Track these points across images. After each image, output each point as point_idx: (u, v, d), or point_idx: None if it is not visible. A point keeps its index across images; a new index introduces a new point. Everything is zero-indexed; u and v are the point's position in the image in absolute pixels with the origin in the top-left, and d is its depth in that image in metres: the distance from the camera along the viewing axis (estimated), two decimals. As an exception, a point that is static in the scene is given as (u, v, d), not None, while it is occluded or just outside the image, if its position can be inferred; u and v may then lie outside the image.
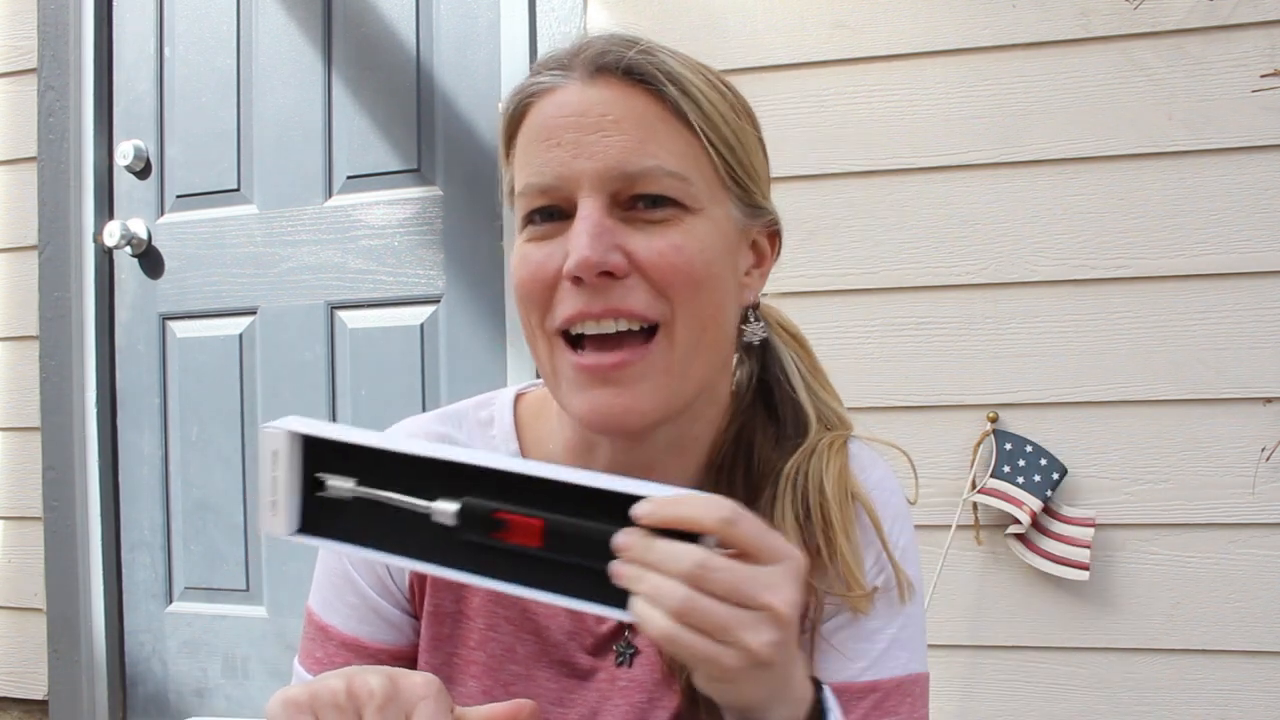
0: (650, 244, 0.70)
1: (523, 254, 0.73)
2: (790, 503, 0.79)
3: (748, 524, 0.57)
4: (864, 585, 0.77)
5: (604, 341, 0.71)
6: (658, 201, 0.71)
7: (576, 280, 0.69)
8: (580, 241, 0.68)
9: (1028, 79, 1.71)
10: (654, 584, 0.56)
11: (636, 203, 0.71)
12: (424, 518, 0.63)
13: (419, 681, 0.60)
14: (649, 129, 0.71)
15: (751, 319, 0.83)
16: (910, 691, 0.80)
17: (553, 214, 0.72)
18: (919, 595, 0.83)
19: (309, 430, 0.65)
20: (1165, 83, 1.66)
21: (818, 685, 0.67)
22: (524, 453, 0.85)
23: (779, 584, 0.57)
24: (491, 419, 0.87)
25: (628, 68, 0.72)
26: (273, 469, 0.64)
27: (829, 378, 0.90)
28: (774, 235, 0.82)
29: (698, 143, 0.73)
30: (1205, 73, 1.64)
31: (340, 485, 0.64)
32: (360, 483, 0.64)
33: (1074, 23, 1.69)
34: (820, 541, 0.77)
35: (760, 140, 0.80)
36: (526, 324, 0.75)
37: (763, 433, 0.83)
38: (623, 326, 0.71)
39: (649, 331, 0.71)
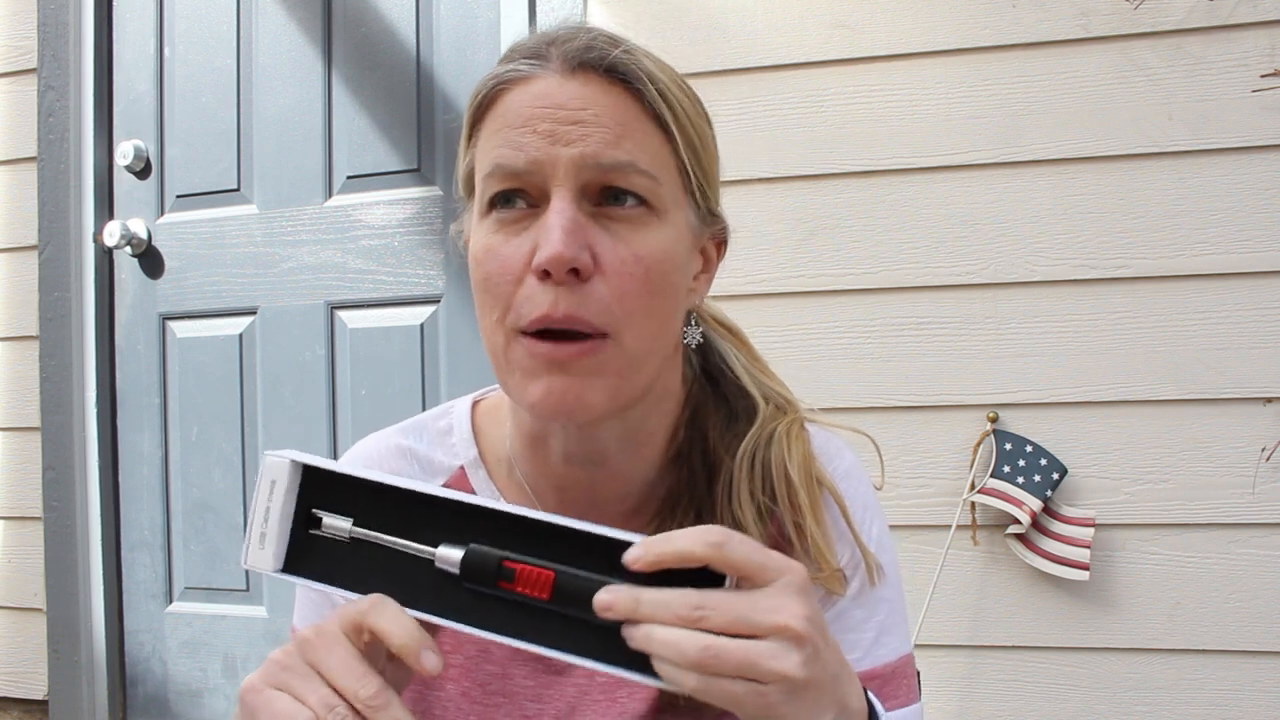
0: (615, 249, 0.70)
1: (489, 246, 0.72)
2: (749, 490, 0.79)
3: (739, 545, 0.56)
4: (834, 565, 0.78)
5: (560, 334, 0.70)
6: (624, 197, 0.71)
7: (544, 275, 0.68)
8: (554, 236, 0.67)
9: (1028, 79, 1.71)
10: (664, 639, 0.54)
11: (605, 198, 0.71)
12: (426, 563, 0.60)
13: (361, 602, 0.59)
14: (626, 126, 0.71)
15: (692, 322, 0.84)
16: (905, 674, 0.83)
17: (515, 199, 0.71)
18: (896, 578, 0.84)
19: (312, 461, 0.61)
20: (1165, 83, 1.66)
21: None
22: (482, 456, 0.86)
23: (784, 602, 0.55)
24: (450, 428, 0.87)
25: (610, 66, 0.71)
26: (268, 499, 0.61)
27: (770, 366, 0.91)
28: (721, 243, 0.83)
29: (668, 145, 0.73)
30: (1205, 73, 1.64)
31: (337, 524, 0.62)
32: (358, 523, 0.61)
33: (1074, 23, 1.69)
34: (790, 529, 0.78)
35: (717, 146, 0.80)
36: (484, 317, 0.73)
37: (714, 416, 0.84)
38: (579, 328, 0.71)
39: (602, 335, 0.71)
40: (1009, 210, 1.71)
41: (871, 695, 0.66)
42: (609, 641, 0.56)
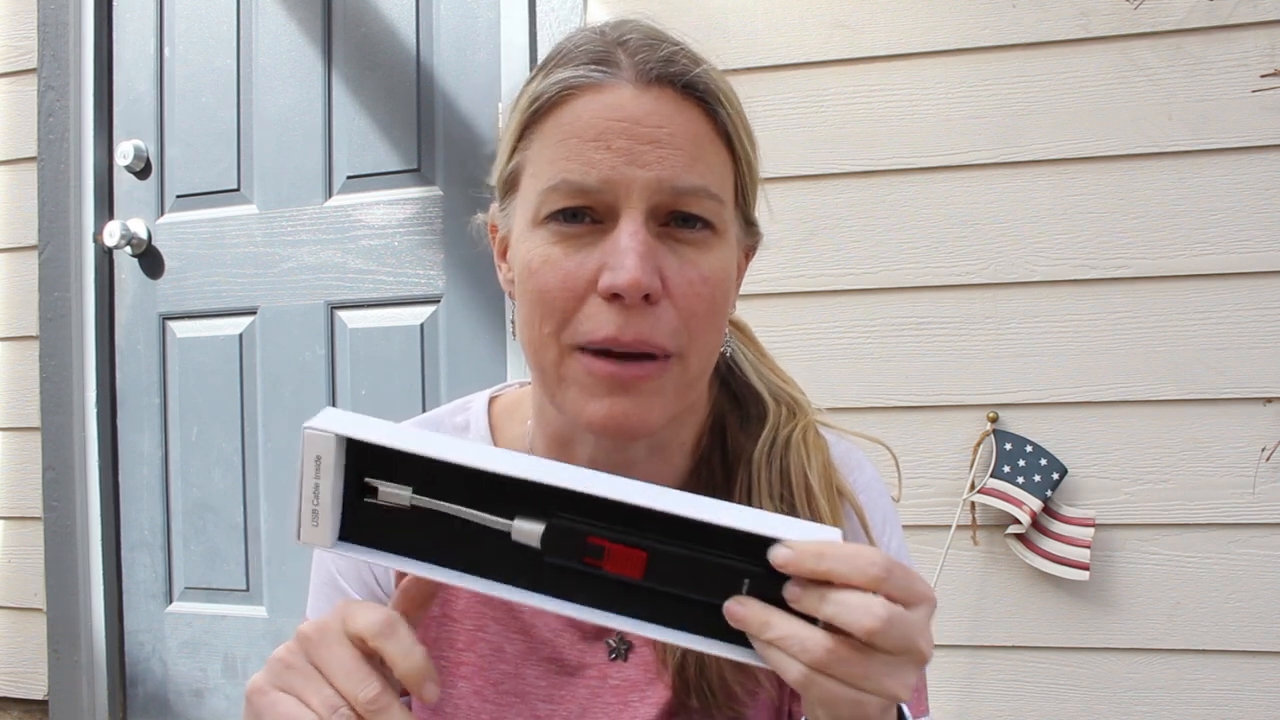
0: (683, 272, 0.69)
1: (547, 258, 0.69)
2: (769, 496, 0.79)
3: (901, 577, 0.53)
4: None
5: (623, 354, 0.69)
6: (693, 221, 0.70)
7: (614, 297, 0.67)
8: (629, 262, 0.66)
9: (1028, 79, 1.71)
10: (788, 632, 0.52)
11: (672, 220, 0.70)
12: (491, 532, 0.57)
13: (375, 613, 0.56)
14: (699, 147, 0.70)
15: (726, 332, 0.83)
16: (917, 688, 0.82)
17: (581, 216, 0.69)
18: None
19: (360, 435, 0.56)
20: (1165, 83, 1.66)
21: None
22: None
23: (924, 627, 0.54)
24: (467, 424, 0.87)
25: (689, 83, 0.70)
26: (315, 475, 0.57)
27: (777, 362, 0.90)
28: (752, 250, 0.83)
29: (732, 165, 0.73)
30: (1205, 73, 1.65)
31: (396, 493, 0.57)
32: (417, 491, 0.57)
33: (1074, 23, 1.69)
34: None
35: None
36: (534, 328, 0.71)
37: (730, 415, 0.84)
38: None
39: (666, 356, 0.70)
40: (1009, 210, 1.71)
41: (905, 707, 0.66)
42: (696, 615, 0.54)
